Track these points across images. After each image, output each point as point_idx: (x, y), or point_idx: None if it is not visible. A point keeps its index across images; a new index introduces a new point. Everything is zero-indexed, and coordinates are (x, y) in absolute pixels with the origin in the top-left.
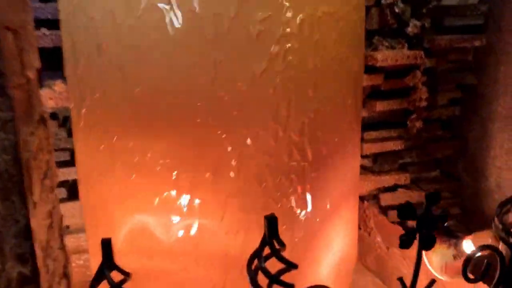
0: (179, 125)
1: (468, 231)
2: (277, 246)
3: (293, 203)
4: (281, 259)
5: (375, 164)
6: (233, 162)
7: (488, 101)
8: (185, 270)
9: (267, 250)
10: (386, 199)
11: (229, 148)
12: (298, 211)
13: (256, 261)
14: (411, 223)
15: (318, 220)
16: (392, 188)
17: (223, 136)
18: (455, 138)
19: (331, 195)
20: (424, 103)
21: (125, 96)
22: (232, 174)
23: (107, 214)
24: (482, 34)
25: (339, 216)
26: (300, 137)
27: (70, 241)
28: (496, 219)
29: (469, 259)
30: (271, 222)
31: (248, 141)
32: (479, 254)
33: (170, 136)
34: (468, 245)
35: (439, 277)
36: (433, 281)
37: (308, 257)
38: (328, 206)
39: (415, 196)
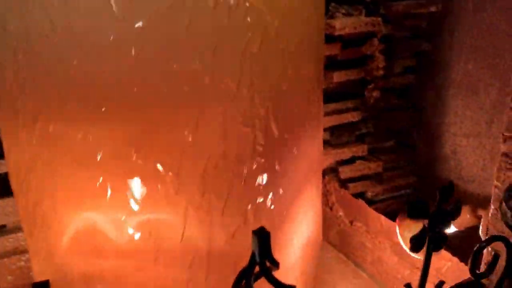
0: (128, 107)
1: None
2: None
3: (259, 182)
4: (274, 281)
5: (332, 137)
6: (191, 146)
7: (442, 68)
8: (143, 270)
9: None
10: (346, 171)
11: (186, 132)
12: (263, 190)
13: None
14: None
15: (283, 198)
16: (351, 160)
17: (178, 119)
18: (411, 107)
19: (296, 172)
20: (381, 72)
21: (58, 77)
22: (190, 158)
23: (46, 212)
24: (438, 0)
25: (305, 193)
26: (263, 114)
27: (8, 241)
28: (503, 204)
29: (477, 254)
30: (263, 238)
31: (207, 122)
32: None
33: (119, 120)
34: None
35: (413, 255)
36: (442, 283)
37: (275, 236)
38: (293, 184)
39: (373, 167)
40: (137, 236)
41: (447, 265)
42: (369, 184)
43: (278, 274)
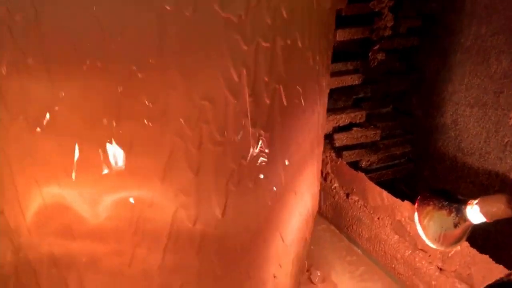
0: (110, 63)
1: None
2: None
3: (259, 155)
4: None
5: (329, 100)
6: (182, 112)
7: (451, 32)
8: (121, 254)
9: None
10: (342, 139)
11: (175, 95)
12: (264, 163)
13: None
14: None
15: (285, 171)
16: (347, 127)
17: (167, 79)
18: (412, 72)
19: (300, 143)
20: (388, 32)
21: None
22: (181, 127)
23: (3, 184)
24: None
25: (307, 165)
26: (267, 79)
27: None
28: None
29: None
30: None
31: (201, 86)
32: None
33: (98, 78)
34: (473, 212)
35: (431, 246)
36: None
37: (276, 206)
38: (296, 156)
39: (371, 135)
40: (114, 215)
41: (455, 249)
42: (364, 153)
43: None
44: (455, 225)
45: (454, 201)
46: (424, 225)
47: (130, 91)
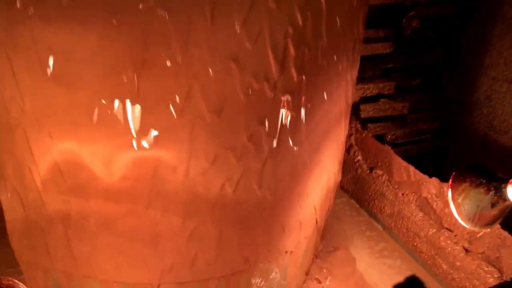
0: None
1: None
2: None
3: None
4: None
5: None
6: (200, 67)
7: (491, 2)
8: (134, 215)
9: None
10: (368, 110)
11: (194, 47)
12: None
13: None
14: None
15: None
16: (374, 98)
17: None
18: (446, 42)
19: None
20: None
21: None
22: (204, 85)
23: (15, 136)
24: None
25: (332, 135)
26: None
27: None
28: None
29: None
30: None
31: (226, 40)
32: None
33: (116, 28)
34: None
35: (464, 225)
36: None
37: (299, 173)
38: (322, 124)
39: (398, 108)
40: (129, 175)
41: (484, 231)
42: (390, 126)
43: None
44: (493, 205)
45: (493, 179)
46: (458, 203)
47: (151, 43)
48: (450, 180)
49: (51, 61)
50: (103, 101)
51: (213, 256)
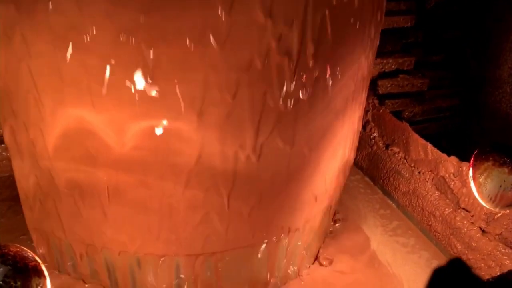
0: None
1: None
2: None
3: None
4: None
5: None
6: (214, 33)
7: None
8: (146, 186)
9: None
10: (386, 86)
11: (209, 14)
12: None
13: None
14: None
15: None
16: (393, 73)
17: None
18: (470, 16)
19: (343, 86)
20: None
21: None
22: (218, 54)
23: (27, 101)
24: None
25: (348, 109)
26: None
27: None
28: None
29: None
30: None
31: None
32: None
33: None
34: None
35: (484, 205)
36: None
37: (311, 156)
38: (338, 99)
39: (418, 84)
40: (141, 145)
41: (503, 211)
42: (408, 103)
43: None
44: None
45: None
46: (479, 182)
47: (165, 12)
48: (472, 159)
49: (63, 26)
50: (113, 69)
51: (225, 228)
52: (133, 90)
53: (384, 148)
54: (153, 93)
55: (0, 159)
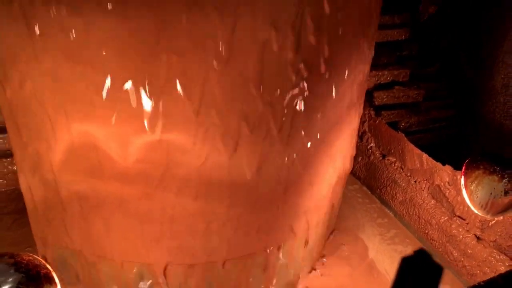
0: None
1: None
2: None
3: (297, 107)
4: None
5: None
6: (214, 49)
7: None
8: (149, 197)
9: None
10: (382, 97)
11: (218, 32)
12: (301, 116)
13: None
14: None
15: (322, 126)
16: (389, 85)
17: (208, 17)
18: (463, 28)
19: (340, 98)
20: None
21: None
22: (219, 71)
23: (35, 116)
24: None
25: (344, 121)
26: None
27: None
28: None
29: None
30: None
31: (245, 24)
32: None
33: (131, 11)
34: None
35: (477, 212)
36: None
37: (308, 166)
38: (334, 112)
39: (413, 95)
40: (145, 158)
41: (497, 219)
42: (404, 114)
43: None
44: (506, 193)
45: (507, 166)
46: (470, 190)
47: (167, 22)
48: (464, 167)
49: (69, 43)
50: (118, 84)
51: (224, 238)
52: (135, 106)
53: (381, 158)
54: (155, 108)
55: (6, 173)
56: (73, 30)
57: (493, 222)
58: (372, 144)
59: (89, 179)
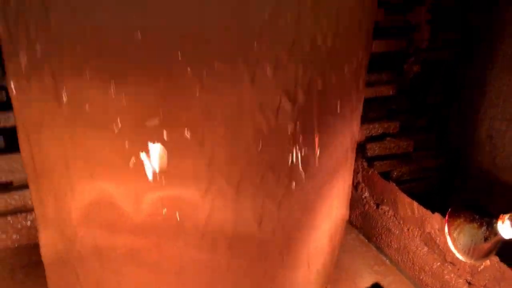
0: (153, 70)
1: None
2: None
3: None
4: None
5: (363, 109)
6: (220, 118)
7: (490, 44)
8: (160, 249)
9: None
10: (374, 149)
11: (216, 100)
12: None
13: None
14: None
15: (317, 180)
16: (380, 137)
17: (207, 85)
18: (448, 84)
19: (332, 153)
20: (425, 44)
21: (81, 33)
22: (222, 132)
23: (57, 177)
24: None
25: (338, 173)
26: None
27: (14, 199)
28: None
29: None
30: None
31: (241, 91)
32: None
33: (144, 82)
34: (504, 227)
35: (461, 258)
36: None
37: (305, 218)
38: (328, 165)
39: (404, 146)
40: (156, 212)
41: (485, 264)
42: (396, 163)
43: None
44: (485, 239)
45: (486, 214)
46: (454, 237)
47: (175, 93)
48: (447, 216)
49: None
50: (133, 148)
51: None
52: (150, 166)
53: (375, 207)
54: (168, 168)
55: (20, 228)
56: (95, 99)
57: (482, 267)
58: (366, 194)
59: (104, 233)
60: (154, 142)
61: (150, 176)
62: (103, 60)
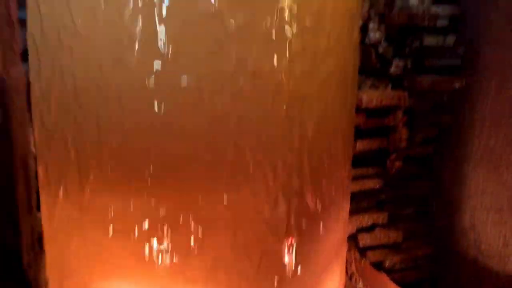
0: (164, 179)
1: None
2: None
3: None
4: None
5: (352, 202)
6: (225, 222)
7: (463, 141)
8: None
9: None
10: (365, 239)
11: (221, 207)
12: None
13: None
14: None
15: (311, 273)
16: (370, 228)
17: (213, 194)
18: (431, 176)
19: (325, 246)
20: (404, 144)
21: (100, 146)
22: (222, 235)
23: (75, 276)
24: (462, 77)
25: (331, 267)
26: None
27: None
28: None
29: None
30: None
31: (243, 198)
32: None
33: (154, 192)
34: None
35: None
36: None
37: None
38: (321, 258)
39: (393, 236)
40: None
41: None
42: (387, 253)
43: None
44: None
45: None
46: None
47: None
48: None
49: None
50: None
51: None
52: (160, 266)
53: None
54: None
55: None
56: (112, 206)
57: None
58: (360, 285)
59: None
60: (162, 246)
61: (155, 273)
62: (123, 173)
